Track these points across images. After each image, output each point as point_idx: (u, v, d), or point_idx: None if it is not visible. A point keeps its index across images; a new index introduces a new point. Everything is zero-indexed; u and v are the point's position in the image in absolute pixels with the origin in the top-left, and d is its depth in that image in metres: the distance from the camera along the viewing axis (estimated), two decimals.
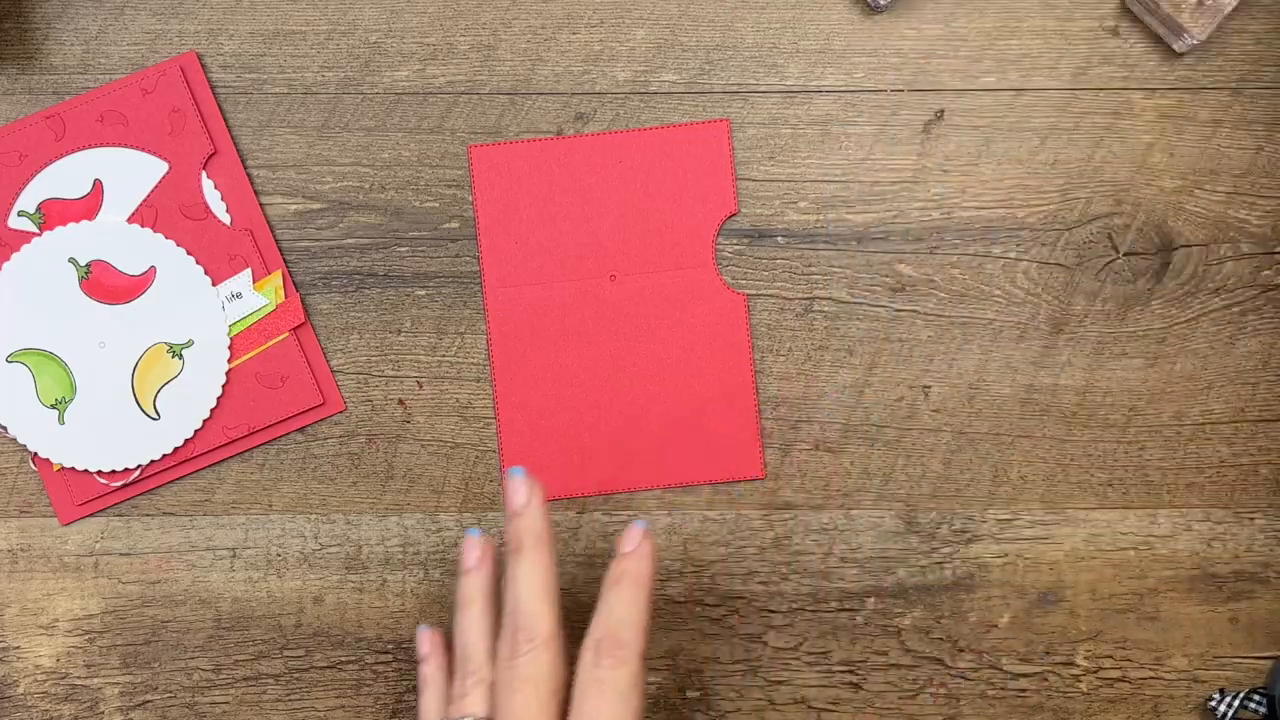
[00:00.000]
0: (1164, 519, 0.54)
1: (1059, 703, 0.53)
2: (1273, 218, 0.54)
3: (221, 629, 0.53)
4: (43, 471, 0.53)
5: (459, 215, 0.53)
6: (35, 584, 0.53)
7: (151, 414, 0.52)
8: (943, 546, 0.53)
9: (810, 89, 0.54)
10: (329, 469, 0.53)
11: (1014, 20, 0.54)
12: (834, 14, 0.54)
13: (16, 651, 0.53)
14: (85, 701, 0.53)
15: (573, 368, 0.53)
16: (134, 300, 0.52)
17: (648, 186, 0.53)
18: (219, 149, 0.53)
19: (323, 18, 0.53)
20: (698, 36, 0.54)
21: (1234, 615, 0.53)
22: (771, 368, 0.54)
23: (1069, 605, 0.53)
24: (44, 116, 0.52)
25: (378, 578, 0.53)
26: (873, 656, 0.53)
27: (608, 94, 0.53)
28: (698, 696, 0.53)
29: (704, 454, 0.53)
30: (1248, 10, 0.53)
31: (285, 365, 0.53)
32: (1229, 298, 0.54)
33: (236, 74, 0.53)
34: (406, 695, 0.53)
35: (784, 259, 0.54)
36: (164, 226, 0.52)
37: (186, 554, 0.53)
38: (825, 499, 0.54)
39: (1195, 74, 0.54)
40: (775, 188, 0.54)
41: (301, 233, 0.53)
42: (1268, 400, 0.54)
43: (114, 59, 0.53)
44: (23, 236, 0.52)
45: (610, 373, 0.53)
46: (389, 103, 0.53)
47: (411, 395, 0.53)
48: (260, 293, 0.53)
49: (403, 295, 0.53)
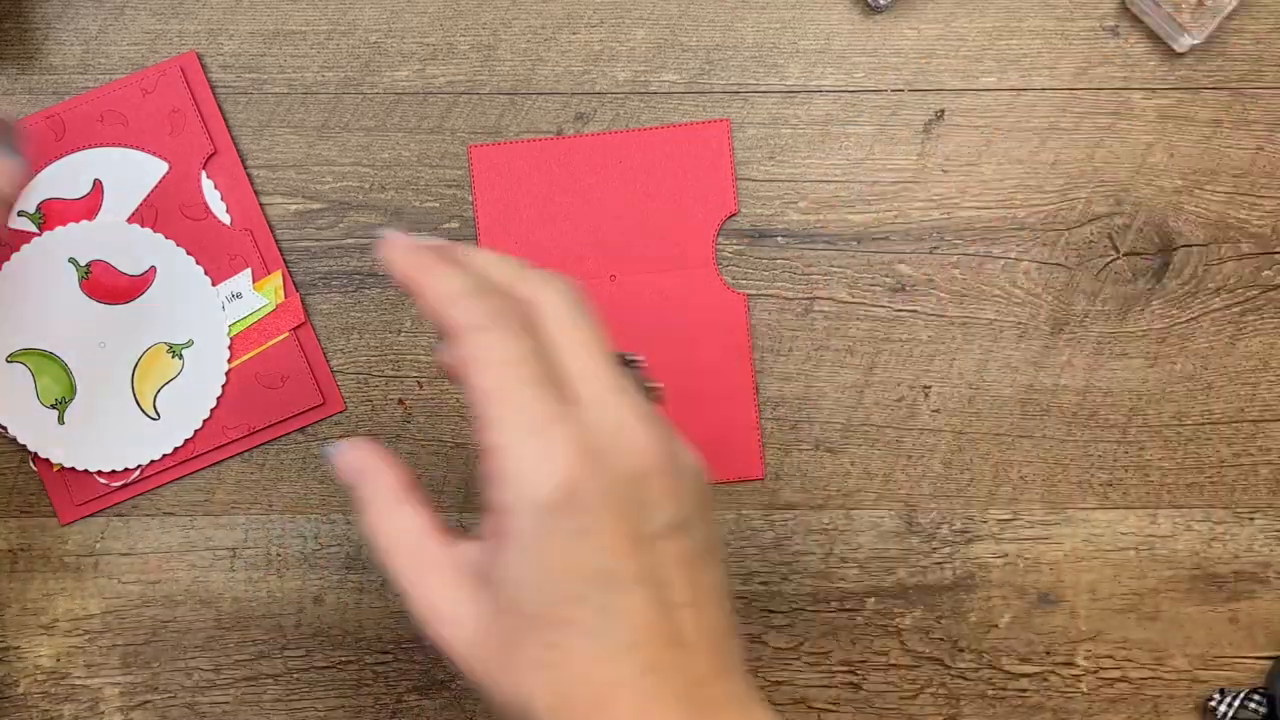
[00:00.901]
0: (1164, 519, 0.54)
1: (1059, 703, 0.53)
2: (1273, 218, 0.54)
3: (221, 629, 0.53)
4: (42, 471, 0.53)
5: (459, 215, 0.53)
6: (35, 584, 0.53)
7: (151, 414, 0.52)
8: (943, 546, 0.53)
9: (810, 89, 0.54)
10: (329, 469, 0.53)
11: (1014, 20, 0.54)
12: (834, 14, 0.54)
13: (16, 651, 0.53)
14: (85, 701, 0.53)
15: None
16: (134, 300, 0.52)
17: (648, 186, 0.53)
18: (219, 149, 0.53)
19: (323, 18, 0.53)
20: (698, 36, 0.54)
21: (1234, 615, 0.53)
22: (771, 368, 0.54)
23: (1069, 605, 0.53)
24: (44, 116, 0.52)
25: (378, 578, 0.53)
26: (873, 656, 0.53)
27: (608, 94, 0.53)
28: None
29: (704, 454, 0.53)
30: (1248, 10, 0.53)
31: (285, 365, 0.53)
32: (1229, 298, 0.54)
33: (236, 74, 0.53)
34: (407, 695, 0.53)
35: (784, 259, 0.54)
36: (164, 226, 0.52)
37: (186, 554, 0.53)
38: (825, 499, 0.54)
39: (1195, 74, 0.54)
40: (775, 188, 0.54)
41: (301, 233, 0.53)
42: (1268, 400, 0.54)
43: (114, 59, 0.53)
44: (23, 236, 0.52)
45: None
46: (389, 103, 0.53)
47: (411, 395, 0.53)
48: (260, 293, 0.53)
49: (403, 295, 0.53)
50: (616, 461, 0.35)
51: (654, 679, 0.34)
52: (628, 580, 0.34)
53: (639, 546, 0.34)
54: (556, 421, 0.34)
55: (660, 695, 0.34)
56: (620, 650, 0.34)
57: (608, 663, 0.34)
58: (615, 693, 0.34)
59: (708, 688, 0.35)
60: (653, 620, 0.34)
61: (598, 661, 0.34)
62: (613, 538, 0.34)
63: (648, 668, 0.34)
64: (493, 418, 0.34)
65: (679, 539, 0.35)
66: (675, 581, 0.35)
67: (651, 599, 0.34)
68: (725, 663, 0.36)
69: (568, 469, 0.34)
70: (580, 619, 0.34)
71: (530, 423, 0.34)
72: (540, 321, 0.36)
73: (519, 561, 0.34)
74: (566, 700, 0.34)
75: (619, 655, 0.34)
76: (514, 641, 0.34)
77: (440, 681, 0.53)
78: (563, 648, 0.34)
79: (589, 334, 0.37)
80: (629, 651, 0.34)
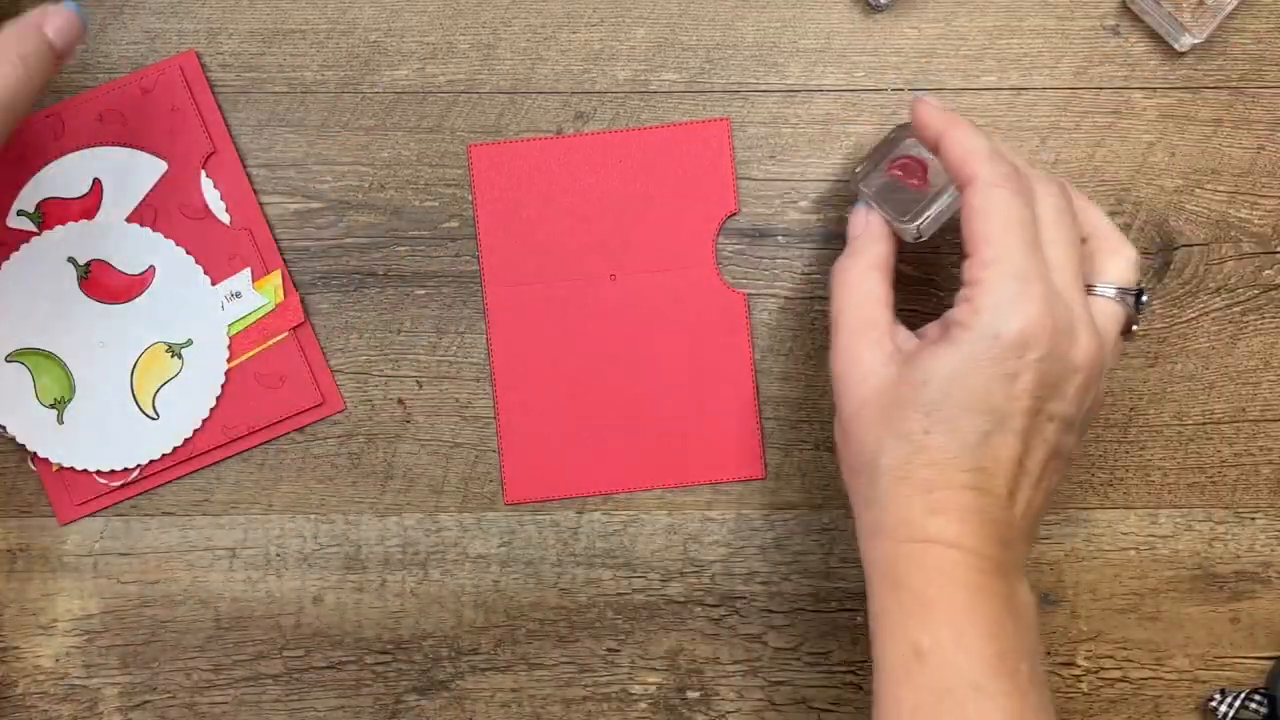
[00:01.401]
0: (1165, 519, 0.54)
1: (1059, 703, 0.53)
2: (1274, 217, 0.54)
3: (221, 629, 0.53)
4: (42, 471, 0.53)
5: (459, 215, 0.53)
6: (34, 584, 0.53)
7: (151, 414, 0.52)
8: None
9: (811, 88, 0.54)
10: (328, 469, 0.53)
11: (1014, 19, 0.54)
12: (834, 13, 0.54)
13: (15, 652, 0.53)
14: (84, 702, 0.53)
15: (573, 367, 0.53)
16: (133, 300, 0.52)
17: (648, 186, 0.53)
18: (218, 148, 0.53)
19: (323, 17, 0.53)
20: (698, 35, 0.53)
21: (1235, 615, 0.53)
22: (772, 368, 0.54)
23: (1069, 605, 0.53)
24: (43, 116, 0.52)
25: (377, 578, 0.53)
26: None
27: (608, 93, 0.53)
28: (698, 696, 0.53)
29: (704, 454, 0.53)
30: (1248, 9, 0.53)
31: (285, 365, 0.53)
32: (1230, 297, 0.53)
33: (236, 73, 0.53)
34: (406, 695, 0.53)
35: (784, 259, 0.54)
36: (163, 226, 0.52)
37: (186, 554, 0.53)
38: (826, 499, 0.54)
39: (1196, 73, 0.54)
40: (776, 187, 0.54)
41: (301, 232, 0.53)
42: (1269, 400, 0.54)
43: (114, 58, 0.53)
44: (22, 236, 0.52)
45: (610, 372, 0.53)
46: (389, 102, 0.53)
47: (411, 395, 0.53)
48: (260, 292, 0.53)
49: (402, 295, 0.53)
50: (1065, 345, 0.41)
51: (977, 496, 0.41)
52: (1012, 428, 0.41)
53: (1036, 414, 0.41)
54: (1038, 281, 0.41)
55: (976, 510, 0.41)
56: (969, 465, 0.41)
57: (954, 465, 0.41)
58: (945, 486, 0.41)
59: (1010, 534, 0.42)
60: (1006, 464, 0.41)
61: (948, 459, 0.41)
62: (1026, 393, 0.41)
63: (978, 486, 0.41)
64: (986, 258, 0.41)
65: (1061, 433, 0.42)
66: (1037, 454, 0.42)
67: (1016, 453, 0.41)
68: (1026, 534, 0.43)
69: (1031, 322, 0.41)
70: (960, 427, 0.41)
71: (1017, 271, 0.41)
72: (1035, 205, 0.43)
73: (947, 362, 0.41)
74: (907, 472, 0.42)
75: (965, 467, 0.41)
76: (899, 409, 0.42)
77: (440, 682, 0.53)
78: (933, 435, 0.41)
79: (1070, 234, 0.43)
80: (973, 472, 0.41)
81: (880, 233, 0.47)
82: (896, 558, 0.42)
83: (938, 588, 0.41)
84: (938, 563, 0.41)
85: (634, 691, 0.53)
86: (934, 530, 0.41)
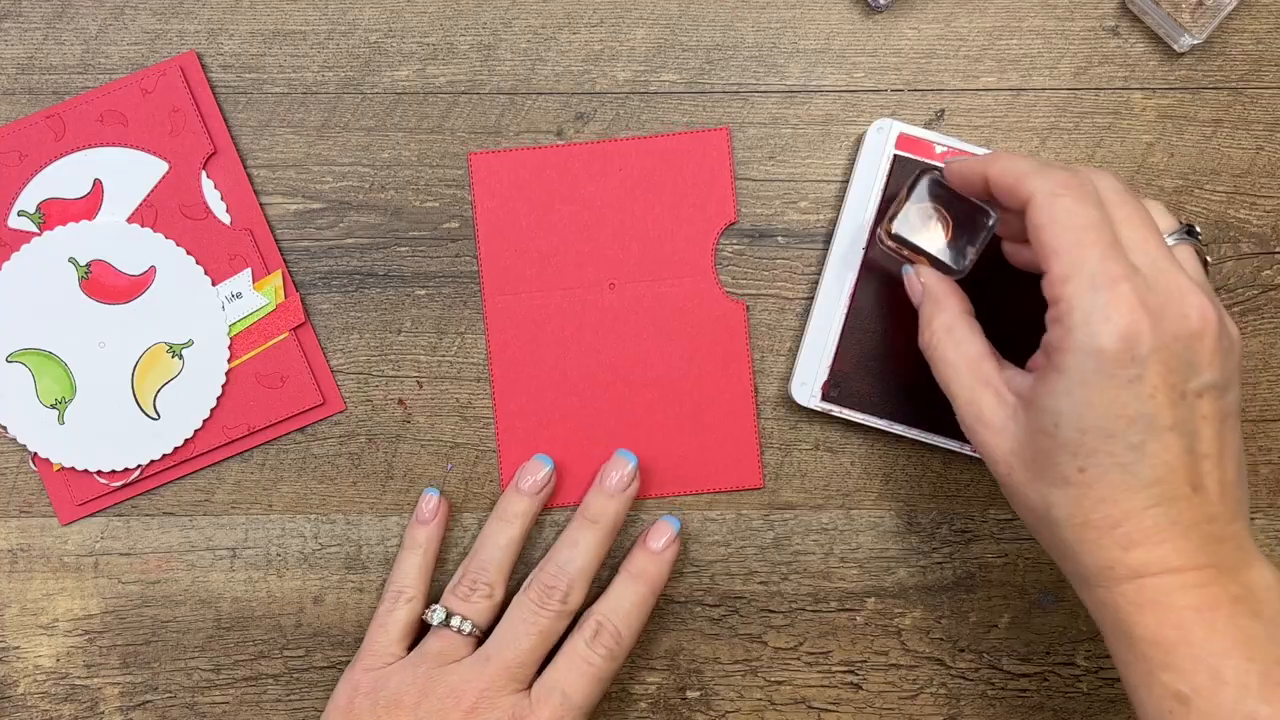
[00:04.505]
0: None
1: (1059, 703, 0.53)
2: (1273, 217, 0.54)
3: (221, 629, 0.53)
4: (43, 471, 0.53)
5: (459, 215, 0.53)
6: (35, 584, 0.53)
7: (151, 414, 0.53)
8: (943, 546, 0.53)
9: (810, 89, 0.54)
10: (329, 469, 0.53)
11: (1014, 20, 0.54)
12: (834, 14, 0.54)
13: (16, 651, 0.53)
14: (85, 702, 0.53)
15: (572, 375, 0.53)
16: (134, 300, 0.52)
17: (647, 195, 0.53)
18: (219, 149, 0.53)
19: (323, 18, 0.53)
20: (698, 36, 0.53)
21: None
22: (772, 368, 0.54)
23: (1069, 605, 0.53)
24: (44, 116, 0.52)
25: (378, 578, 0.53)
26: (873, 656, 0.53)
27: (608, 94, 0.53)
28: (698, 696, 0.53)
29: (703, 463, 0.53)
30: (1248, 10, 0.53)
31: (285, 365, 0.53)
32: (1229, 298, 0.53)
33: (236, 74, 0.53)
34: None
35: (784, 259, 0.54)
36: (164, 226, 0.52)
37: (186, 554, 0.53)
38: (825, 499, 0.54)
39: (1195, 74, 0.54)
40: (775, 187, 0.54)
41: (301, 232, 0.53)
42: (1268, 400, 0.54)
43: (114, 59, 0.53)
44: (23, 236, 0.52)
45: (609, 381, 0.53)
46: (389, 103, 0.53)
47: (411, 395, 0.53)
48: (260, 292, 0.53)
49: (403, 295, 0.53)
50: (1172, 322, 0.39)
51: (1165, 510, 0.39)
52: (1163, 427, 0.39)
53: (1179, 399, 0.39)
54: (1122, 280, 0.39)
55: (1171, 524, 0.39)
56: (1141, 484, 0.39)
57: (1126, 491, 0.39)
58: (1129, 517, 0.39)
59: (1216, 525, 0.40)
60: (1177, 464, 0.39)
61: (1118, 489, 0.39)
62: (1158, 389, 0.39)
63: (1162, 500, 0.39)
64: (1062, 273, 0.40)
65: (1215, 399, 0.40)
66: (1204, 434, 0.40)
67: (1180, 446, 0.39)
68: (1235, 510, 0.41)
69: (1129, 322, 0.39)
70: (1112, 452, 0.39)
71: (1099, 278, 0.39)
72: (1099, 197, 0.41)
73: (1066, 394, 0.40)
74: (1083, 515, 0.40)
75: (1138, 488, 0.39)
76: (1046, 459, 0.40)
77: None
78: (1090, 472, 0.39)
79: (1141, 211, 0.42)
80: (1148, 486, 0.39)
81: (941, 289, 0.46)
82: (1116, 607, 0.40)
83: (1171, 627, 0.39)
84: (1156, 597, 0.39)
85: (634, 691, 0.53)
86: (1138, 564, 0.39)
